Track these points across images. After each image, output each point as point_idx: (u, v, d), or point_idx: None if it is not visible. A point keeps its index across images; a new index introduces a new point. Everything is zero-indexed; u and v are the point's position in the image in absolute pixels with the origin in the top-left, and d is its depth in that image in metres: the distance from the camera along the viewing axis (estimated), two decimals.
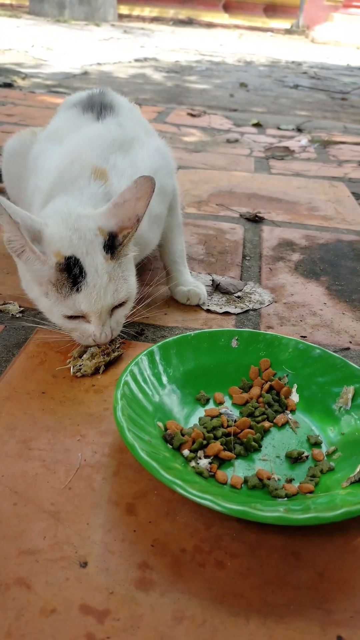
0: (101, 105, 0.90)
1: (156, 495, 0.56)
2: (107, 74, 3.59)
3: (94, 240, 0.70)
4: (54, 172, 0.81)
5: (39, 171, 0.85)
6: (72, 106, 0.94)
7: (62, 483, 0.56)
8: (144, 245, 0.86)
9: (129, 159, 0.83)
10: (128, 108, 0.94)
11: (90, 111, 0.90)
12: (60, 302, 0.70)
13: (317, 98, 3.46)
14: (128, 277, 0.74)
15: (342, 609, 0.47)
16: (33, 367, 0.74)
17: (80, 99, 0.94)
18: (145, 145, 0.88)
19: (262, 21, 9.18)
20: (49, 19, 7.07)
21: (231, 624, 0.45)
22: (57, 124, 0.93)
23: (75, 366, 0.74)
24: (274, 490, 0.56)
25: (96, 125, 0.87)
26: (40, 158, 0.88)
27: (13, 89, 2.73)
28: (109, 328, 0.72)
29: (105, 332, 0.72)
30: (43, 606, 0.45)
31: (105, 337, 0.72)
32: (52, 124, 0.95)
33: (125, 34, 6.51)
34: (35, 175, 0.87)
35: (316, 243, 1.24)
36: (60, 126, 0.91)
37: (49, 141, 0.89)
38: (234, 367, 0.74)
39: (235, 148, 2.02)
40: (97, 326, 0.72)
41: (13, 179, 1.03)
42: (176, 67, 4.30)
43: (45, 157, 0.86)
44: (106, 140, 0.83)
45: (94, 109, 0.90)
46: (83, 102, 0.92)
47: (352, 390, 0.67)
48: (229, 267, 1.09)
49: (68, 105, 0.96)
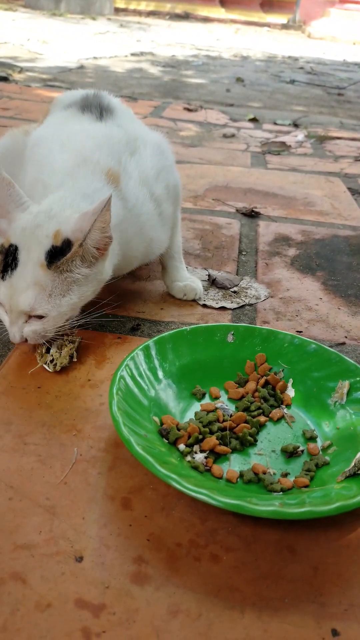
0: (100, 107, 0.90)
1: (152, 490, 0.56)
2: (104, 68, 3.57)
3: (42, 241, 0.68)
4: (60, 173, 0.80)
5: (44, 170, 0.85)
6: (67, 106, 0.93)
7: (58, 478, 0.56)
8: (154, 245, 0.86)
9: (135, 160, 0.83)
10: (123, 109, 0.94)
11: (89, 111, 0.89)
12: None
13: (313, 93, 3.45)
14: (64, 296, 0.69)
15: (336, 602, 0.47)
16: (29, 362, 0.74)
17: (75, 99, 0.93)
18: (147, 144, 0.87)
19: (258, 16, 9.15)
20: (44, 12, 7.03)
21: (226, 617, 0.45)
22: (55, 123, 0.92)
23: (47, 363, 0.72)
24: (269, 484, 0.56)
25: (100, 125, 0.87)
26: (44, 158, 0.87)
27: (9, 83, 2.72)
28: (18, 331, 0.68)
29: (13, 331, 0.69)
30: (38, 601, 0.45)
31: (13, 337, 0.69)
32: (48, 124, 0.94)
33: (122, 27, 6.47)
34: (38, 173, 0.86)
35: (312, 238, 1.24)
36: (59, 126, 0.90)
37: (50, 142, 0.88)
38: (230, 361, 0.74)
39: (231, 143, 2.01)
40: (7, 321, 0.69)
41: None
42: (172, 61, 4.29)
43: (51, 158, 0.85)
44: (113, 140, 0.83)
45: (93, 109, 0.89)
46: (79, 102, 0.92)
47: (348, 385, 0.67)
48: (225, 262, 1.09)
49: (63, 105, 0.95)
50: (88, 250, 0.68)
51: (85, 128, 0.86)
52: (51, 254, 0.67)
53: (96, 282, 0.73)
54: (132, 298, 0.92)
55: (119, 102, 0.95)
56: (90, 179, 0.77)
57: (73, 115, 0.90)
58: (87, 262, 0.69)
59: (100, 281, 0.73)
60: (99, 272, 0.72)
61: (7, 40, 4.23)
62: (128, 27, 6.59)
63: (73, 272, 0.69)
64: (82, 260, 0.69)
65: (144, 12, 8.98)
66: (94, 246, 0.68)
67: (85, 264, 0.69)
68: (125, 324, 0.84)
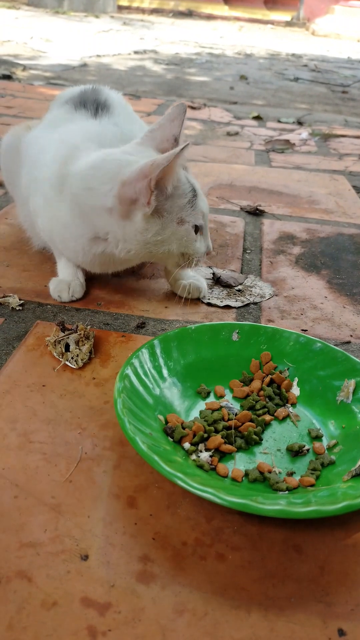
0: (96, 103, 0.90)
1: (157, 489, 0.56)
2: (107, 66, 3.57)
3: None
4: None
5: (37, 167, 0.86)
6: (64, 103, 0.93)
7: (63, 476, 0.56)
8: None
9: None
10: (122, 105, 0.94)
11: (84, 108, 0.89)
12: (193, 216, 0.78)
13: (317, 91, 3.44)
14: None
15: (343, 602, 0.47)
16: (33, 360, 0.74)
17: (72, 95, 0.93)
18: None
19: (262, 13, 9.12)
20: (47, 10, 7.03)
21: (232, 616, 0.45)
22: (49, 122, 0.92)
23: (70, 360, 0.73)
24: (275, 483, 0.56)
25: (93, 122, 0.87)
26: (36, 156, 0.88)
27: (12, 81, 2.72)
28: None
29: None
30: (44, 599, 0.45)
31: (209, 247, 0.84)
32: (44, 122, 0.94)
33: (125, 25, 6.47)
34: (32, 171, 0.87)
35: (317, 236, 1.23)
36: (53, 124, 0.91)
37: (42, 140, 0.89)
38: (235, 360, 0.74)
39: (235, 141, 2.01)
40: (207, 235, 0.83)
41: (10, 175, 1.03)
42: (176, 59, 4.28)
43: (42, 156, 0.86)
44: (106, 137, 0.83)
45: (89, 106, 0.89)
46: (76, 98, 0.91)
47: (353, 384, 0.67)
48: (230, 260, 1.08)
49: (61, 102, 0.95)
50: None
51: (78, 125, 0.87)
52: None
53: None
54: (137, 296, 0.92)
55: (118, 97, 0.95)
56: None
57: (67, 113, 0.90)
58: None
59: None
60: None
61: (10, 39, 4.23)
62: (131, 25, 6.58)
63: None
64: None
65: (147, 10, 8.97)
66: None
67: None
68: (130, 322, 0.84)
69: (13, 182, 1.02)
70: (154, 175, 0.71)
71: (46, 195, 0.84)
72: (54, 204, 0.82)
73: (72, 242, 0.83)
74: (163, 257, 0.81)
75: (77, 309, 0.86)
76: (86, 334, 0.76)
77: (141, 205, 0.74)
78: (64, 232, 0.83)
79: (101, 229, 0.78)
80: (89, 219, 0.79)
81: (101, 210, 0.77)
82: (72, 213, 0.80)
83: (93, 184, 0.77)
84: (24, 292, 0.89)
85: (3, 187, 1.27)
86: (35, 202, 0.87)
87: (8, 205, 1.23)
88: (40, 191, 0.85)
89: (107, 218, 0.77)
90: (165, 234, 0.76)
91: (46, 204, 0.84)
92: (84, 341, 0.75)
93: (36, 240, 1.00)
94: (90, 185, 0.77)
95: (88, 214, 0.78)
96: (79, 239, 0.81)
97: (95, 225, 0.79)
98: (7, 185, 1.07)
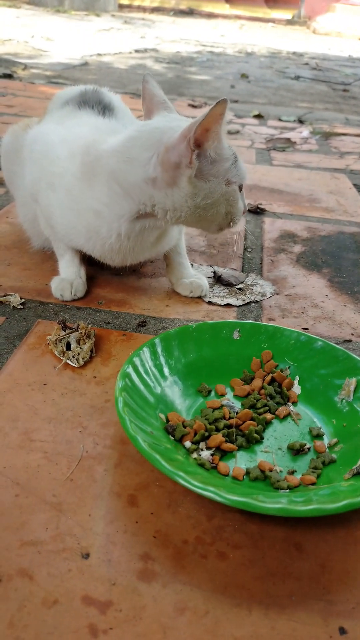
0: (102, 104, 0.90)
1: (158, 487, 0.56)
2: (107, 65, 3.56)
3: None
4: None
5: (47, 163, 0.85)
6: (64, 104, 0.92)
7: (64, 475, 0.56)
8: (164, 240, 0.86)
9: None
10: (123, 109, 0.94)
11: (89, 107, 0.89)
12: (238, 176, 0.80)
13: (318, 89, 3.44)
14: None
15: (344, 600, 0.47)
16: (34, 358, 0.74)
17: (73, 95, 0.93)
18: None
19: (263, 12, 9.12)
20: (48, 9, 7.02)
21: (233, 615, 0.45)
22: (53, 120, 0.92)
23: (71, 359, 0.73)
24: (276, 481, 0.56)
25: (103, 120, 0.87)
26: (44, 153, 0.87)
27: (13, 80, 2.72)
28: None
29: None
30: (45, 597, 0.45)
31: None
32: (45, 122, 0.94)
33: (126, 24, 6.46)
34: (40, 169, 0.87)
35: (318, 235, 1.23)
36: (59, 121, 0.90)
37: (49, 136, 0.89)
38: (236, 358, 0.74)
39: (236, 139, 2.00)
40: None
41: (10, 175, 1.02)
42: (177, 57, 4.27)
43: (52, 152, 0.85)
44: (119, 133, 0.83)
45: (94, 105, 0.89)
46: (76, 98, 0.91)
47: (355, 382, 0.67)
48: (231, 259, 1.08)
49: (61, 102, 0.94)
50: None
51: (87, 121, 0.86)
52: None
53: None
54: (138, 295, 0.92)
55: (118, 101, 0.95)
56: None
57: (72, 112, 0.90)
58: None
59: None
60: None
61: (11, 37, 4.23)
62: (132, 24, 6.57)
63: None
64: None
65: (148, 9, 8.96)
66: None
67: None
68: (131, 320, 0.84)
69: (13, 182, 1.01)
70: (192, 133, 0.71)
71: (70, 189, 0.81)
72: (82, 195, 0.80)
73: (104, 229, 0.80)
74: (210, 219, 0.79)
75: (78, 307, 0.87)
76: (87, 332, 0.76)
77: (185, 167, 0.73)
78: (94, 221, 0.80)
79: (147, 202, 0.76)
80: (131, 195, 0.76)
81: (143, 183, 0.75)
82: (110, 193, 0.78)
83: (133, 153, 0.76)
84: (25, 291, 0.89)
85: (4, 186, 1.27)
86: (50, 198, 0.85)
87: (9, 204, 1.23)
88: (61, 186, 0.83)
89: (151, 190, 0.75)
90: (214, 196, 0.76)
91: (70, 198, 0.82)
92: (85, 340, 0.75)
93: (36, 240, 1.00)
94: (131, 155, 0.76)
95: (129, 190, 0.76)
96: (115, 223, 0.78)
97: (139, 200, 0.76)
98: (8, 185, 1.07)
